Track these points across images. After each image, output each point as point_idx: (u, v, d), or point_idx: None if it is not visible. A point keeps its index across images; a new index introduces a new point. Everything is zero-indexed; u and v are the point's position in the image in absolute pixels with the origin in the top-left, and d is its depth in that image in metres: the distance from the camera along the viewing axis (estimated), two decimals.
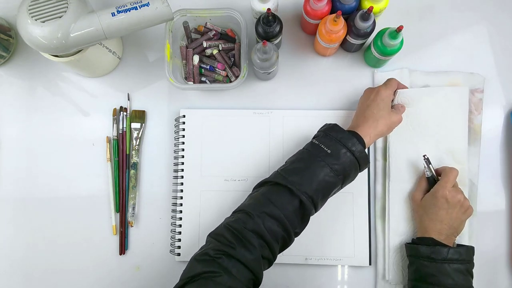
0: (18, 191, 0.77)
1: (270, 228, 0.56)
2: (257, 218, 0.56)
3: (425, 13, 0.78)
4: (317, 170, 0.58)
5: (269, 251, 0.56)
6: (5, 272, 0.75)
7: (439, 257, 0.61)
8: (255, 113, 0.75)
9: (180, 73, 0.77)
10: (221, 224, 0.59)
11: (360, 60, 0.77)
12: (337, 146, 0.59)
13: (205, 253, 0.55)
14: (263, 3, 0.68)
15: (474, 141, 0.73)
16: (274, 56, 0.67)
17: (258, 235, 0.55)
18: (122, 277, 0.74)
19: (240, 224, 0.56)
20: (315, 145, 0.61)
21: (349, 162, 0.59)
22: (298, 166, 0.60)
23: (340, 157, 0.59)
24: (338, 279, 0.73)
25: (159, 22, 0.64)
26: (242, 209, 0.59)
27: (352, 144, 0.59)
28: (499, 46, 0.76)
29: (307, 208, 0.58)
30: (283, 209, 0.57)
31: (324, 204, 0.61)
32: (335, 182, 0.59)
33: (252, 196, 0.61)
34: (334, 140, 0.60)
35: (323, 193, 0.59)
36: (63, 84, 0.79)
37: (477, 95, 0.73)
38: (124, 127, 0.77)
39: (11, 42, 0.79)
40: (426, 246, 0.62)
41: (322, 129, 0.64)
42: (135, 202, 0.75)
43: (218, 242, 0.56)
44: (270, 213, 0.56)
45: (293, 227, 0.58)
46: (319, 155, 0.59)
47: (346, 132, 0.61)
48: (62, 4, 0.60)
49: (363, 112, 0.66)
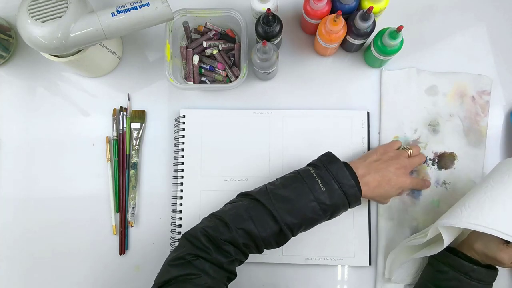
0: (18, 191, 0.77)
1: (245, 243, 0.57)
2: (234, 232, 0.56)
3: (425, 13, 0.78)
4: (306, 207, 0.58)
5: (242, 255, 0.58)
6: (5, 272, 0.75)
7: (476, 276, 0.59)
8: (255, 113, 0.75)
9: (180, 73, 0.77)
10: (197, 226, 0.60)
11: (360, 60, 0.77)
12: (333, 186, 0.58)
13: (180, 257, 0.55)
14: (263, 3, 0.68)
15: (480, 143, 0.72)
16: (274, 56, 0.67)
17: (233, 245, 0.57)
18: (122, 277, 0.74)
19: (217, 233, 0.57)
20: (312, 177, 0.59)
21: (341, 203, 0.59)
22: (288, 195, 0.58)
23: (334, 197, 0.58)
24: (338, 279, 0.73)
25: (159, 22, 0.64)
26: (222, 216, 0.59)
27: (349, 187, 0.58)
28: (499, 46, 0.76)
29: (286, 235, 0.59)
30: (261, 231, 0.57)
31: None
32: (320, 219, 0.60)
33: (234, 206, 0.60)
34: (332, 179, 0.58)
35: (306, 227, 0.60)
36: (63, 84, 0.79)
37: (484, 98, 0.73)
38: (124, 127, 0.77)
39: (11, 42, 0.79)
40: (468, 262, 0.60)
41: (324, 159, 0.62)
42: (135, 202, 0.75)
43: (193, 246, 0.56)
44: (248, 231, 0.57)
45: (268, 247, 0.60)
46: (312, 191, 0.58)
47: (347, 173, 0.59)
48: (62, 4, 0.60)
49: (375, 175, 0.63)
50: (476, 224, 0.56)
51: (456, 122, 0.72)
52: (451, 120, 0.72)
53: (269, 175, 0.73)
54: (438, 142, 0.72)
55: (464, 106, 0.73)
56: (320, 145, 0.73)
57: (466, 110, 0.73)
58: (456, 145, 0.72)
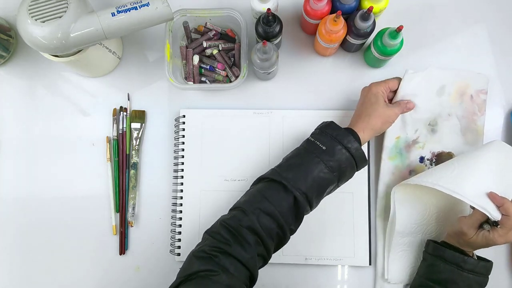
0: (18, 191, 0.77)
1: (265, 225, 0.56)
2: (251, 214, 0.56)
3: (425, 13, 0.78)
4: (311, 166, 0.58)
5: (263, 248, 0.57)
6: (5, 272, 0.75)
7: (467, 267, 0.60)
8: (255, 113, 0.75)
9: (180, 73, 0.77)
10: (217, 222, 0.59)
11: (360, 60, 0.77)
12: (332, 143, 0.59)
13: (201, 250, 0.55)
14: (263, 3, 0.68)
15: (477, 142, 0.72)
16: (274, 56, 0.67)
17: (253, 231, 0.56)
18: (122, 277, 0.74)
19: (235, 222, 0.56)
20: (311, 142, 0.61)
21: (344, 159, 0.59)
22: (292, 162, 0.60)
23: (335, 153, 0.59)
24: (338, 279, 0.73)
25: (159, 22, 0.64)
26: (238, 206, 0.59)
27: (347, 141, 0.59)
28: (499, 46, 0.76)
29: (301, 206, 0.58)
30: (277, 206, 0.57)
31: (319, 202, 0.61)
32: (330, 178, 0.59)
33: (247, 193, 0.61)
34: (329, 137, 0.60)
35: (318, 190, 0.59)
36: (63, 84, 0.79)
37: (481, 96, 0.73)
38: (124, 127, 0.77)
39: (11, 42, 0.79)
40: (459, 253, 0.61)
41: (318, 126, 0.64)
42: (135, 202, 0.75)
43: (214, 239, 0.56)
44: (265, 210, 0.56)
45: (288, 224, 0.58)
46: (314, 152, 0.59)
47: (342, 129, 0.61)
48: (62, 4, 0.60)
49: (357, 110, 0.67)
50: (426, 181, 0.61)
51: (453, 122, 0.72)
52: (449, 120, 0.72)
53: None
54: (436, 142, 0.72)
55: (463, 105, 0.72)
56: None
57: (464, 109, 0.72)
58: (453, 145, 0.72)
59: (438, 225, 0.70)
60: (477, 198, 0.58)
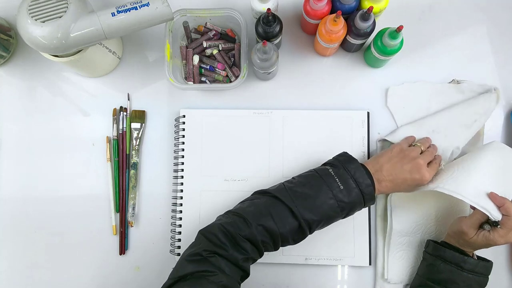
0: (18, 191, 0.77)
1: (263, 240, 0.58)
2: (253, 228, 0.57)
3: (425, 13, 0.78)
4: (325, 204, 0.59)
5: (258, 253, 0.59)
6: (5, 272, 0.75)
7: (467, 267, 0.61)
8: (255, 113, 0.75)
9: (180, 73, 0.77)
10: (214, 223, 0.60)
11: (360, 60, 0.77)
12: (350, 183, 0.59)
13: (196, 254, 0.55)
14: (263, 3, 0.68)
15: (477, 142, 0.73)
16: (274, 56, 0.67)
17: (251, 242, 0.57)
18: (122, 277, 0.74)
19: (235, 229, 0.57)
20: (330, 175, 0.60)
21: (358, 200, 0.60)
22: (307, 192, 0.60)
23: (351, 195, 0.59)
24: (338, 279, 0.73)
25: (159, 22, 0.64)
26: (240, 212, 0.59)
27: (366, 186, 0.59)
28: (499, 46, 0.76)
29: (303, 232, 0.59)
30: (280, 227, 0.58)
31: None
32: (337, 217, 0.61)
33: (253, 203, 0.61)
34: (349, 175, 0.60)
35: (322, 224, 0.61)
36: (63, 84, 0.79)
37: None
38: (124, 127, 0.77)
39: (11, 42, 0.79)
40: (459, 253, 0.61)
41: (341, 159, 0.63)
42: (135, 202, 0.75)
43: (209, 242, 0.56)
44: (268, 227, 0.57)
45: (284, 243, 0.60)
46: (331, 189, 0.59)
47: (364, 171, 0.60)
48: (62, 4, 0.60)
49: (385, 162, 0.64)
50: (427, 186, 0.62)
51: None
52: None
53: (269, 175, 0.73)
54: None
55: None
56: (320, 145, 0.73)
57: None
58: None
59: (437, 225, 0.70)
60: (478, 198, 0.58)
